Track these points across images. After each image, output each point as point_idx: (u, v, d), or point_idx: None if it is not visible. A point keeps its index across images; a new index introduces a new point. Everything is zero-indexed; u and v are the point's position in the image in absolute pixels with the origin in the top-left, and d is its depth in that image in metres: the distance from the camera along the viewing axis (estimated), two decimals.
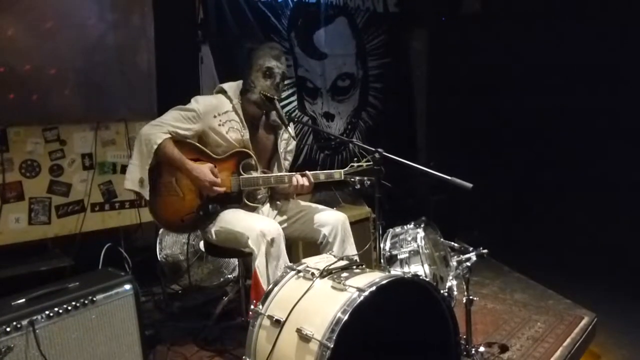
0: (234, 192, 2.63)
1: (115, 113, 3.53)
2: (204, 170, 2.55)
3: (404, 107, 5.56)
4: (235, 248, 2.58)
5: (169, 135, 2.53)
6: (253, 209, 2.70)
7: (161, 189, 2.59)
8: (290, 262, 2.40)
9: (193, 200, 2.60)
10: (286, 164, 2.86)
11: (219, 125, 2.62)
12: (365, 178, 2.51)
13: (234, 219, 2.56)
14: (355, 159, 2.54)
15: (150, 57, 3.78)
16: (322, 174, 2.63)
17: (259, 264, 2.35)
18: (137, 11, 3.76)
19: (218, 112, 2.63)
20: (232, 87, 2.73)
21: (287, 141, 2.85)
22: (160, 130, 2.52)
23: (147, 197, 2.54)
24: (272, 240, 2.38)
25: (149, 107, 3.75)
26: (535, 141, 4.87)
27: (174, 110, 2.61)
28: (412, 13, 5.43)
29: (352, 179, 2.55)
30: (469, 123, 5.13)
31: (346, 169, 2.56)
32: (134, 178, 2.55)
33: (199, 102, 2.62)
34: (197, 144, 2.63)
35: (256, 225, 2.42)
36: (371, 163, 2.40)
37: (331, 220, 2.66)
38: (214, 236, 2.61)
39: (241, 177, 2.63)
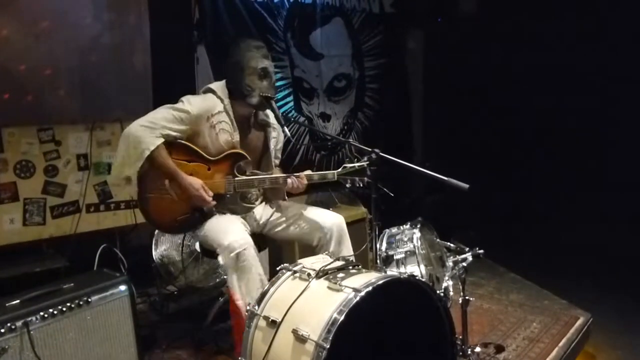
0: (228, 194, 2.62)
1: (111, 113, 3.52)
2: (194, 184, 2.49)
3: (400, 107, 5.56)
4: None
5: (162, 140, 2.44)
6: (248, 209, 2.70)
7: (154, 191, 2.53)
8: (287, 262, 2.39)
9: (188, 201, 2.56)
10: (276, 161, 2.87)
11: (211, 127, 2.56)
12: (357, 179, 2.53)
13: (213, 229, 2.53)
14: (347, 159, 2.57)
15: (146, 57, 3.76)
16: (316, 175, 2.64)
17: (230, 281, 2.36)
18: (133, 11, 3.74)
19: (211, 113, 2.56)
20: (220, 87, 2.65)
21: (276, 139, 2.84)
22: (152, 133, 2.41)
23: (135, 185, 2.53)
24: (238, 255, 2.34)
25: (145, 107, 3.71)
26: (532, 141, 4.89)
27: (166, 109, 2.50)
28: (408, 13, 5.44)
29: (345, 180, 2.57)
30: (465, 123, 5.15)
31: (339, 170, 2.57)
32: (117, 175, 2.60)
33: (192, 104, 2.52)
34: (189, 144, 2.56)
35: (224, 240, 2.38)
36: (364, 164, 2.42)
37: (327, 222, 2.66)
38: (202, 240, 2.61)
39: (236, 179, 2.60)
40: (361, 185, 2.53)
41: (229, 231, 2.47)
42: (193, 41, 3.80)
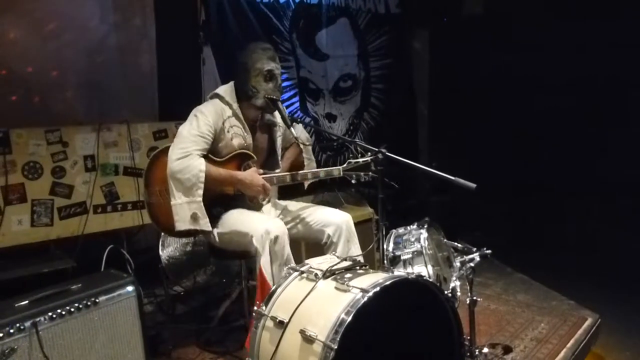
0: (237, 194, 2.62)
1: (117, 114, 3.53)
2: (254, 177, 2.54)
3: (405, 107, 5.57)
4: (238, 250, 2.57)
5: (203, 159, 2.46)
6: (257, 209, 2.70)
7: (161, 195, 2.54)
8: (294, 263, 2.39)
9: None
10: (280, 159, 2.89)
11: (226, 132, 2.58)
12: (362, 173, 2.54)
13: (237, 220, 2.53)
14: (351, 155, 2.58)
15: (152, 58, 3.78)
16: (322, 172, 2.65)
17: (264, 262, 2.34)
18: (139, 12, 3.76)
19: (223, 118, 2.59)
20: (227, 91, 2.67)
21: (281, 137, 2.86)
22: (191, 159, 2.42)
23: (209, 229, 2.47)
24: (276, 238, 2.36)
25: (151, 108, 3.76)
26: (537, 141, 4.87)
27: (188, 132, 2.49)
28: (413, 14, 5.45)
29: (350, 175, 2.57)
30: (470, 123, 5.13)
31: (344, 165, 2.58)
32: (184, 218, 2.43)
33: (206, 115, 2.53)
34: None
35: (260, 224, 2.40)
36: (368, 159, 2.44)
37: (335, 220, 2.65)
38: (217, 239, 2.59)
39: None
40: (366, 179, 2.53)
41: (262, 218, 2.53)
42: (199, 42, 3.80)
